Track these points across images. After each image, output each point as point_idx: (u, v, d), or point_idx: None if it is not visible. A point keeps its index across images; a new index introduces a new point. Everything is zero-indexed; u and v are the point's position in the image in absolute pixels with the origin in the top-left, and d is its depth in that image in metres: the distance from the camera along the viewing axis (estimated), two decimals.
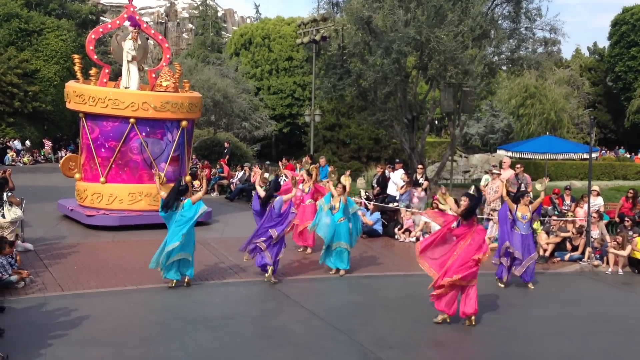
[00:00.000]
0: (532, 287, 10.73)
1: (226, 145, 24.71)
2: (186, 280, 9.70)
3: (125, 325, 7.87)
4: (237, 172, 21.71)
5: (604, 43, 48.34)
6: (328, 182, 17.70)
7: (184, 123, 14.86)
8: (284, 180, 19.74)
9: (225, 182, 21.88)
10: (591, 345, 8.01)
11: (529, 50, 20.56)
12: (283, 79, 41.58)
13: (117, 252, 11.94)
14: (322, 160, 18.84)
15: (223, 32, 59.84)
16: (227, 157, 23.44)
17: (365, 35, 19.18)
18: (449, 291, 8.38)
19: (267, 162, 32.23)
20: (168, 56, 16.23)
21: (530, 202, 10.99)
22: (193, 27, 76.52)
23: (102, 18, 50.66)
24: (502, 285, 10.77)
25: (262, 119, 34.63)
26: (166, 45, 16.62)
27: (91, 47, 15.24)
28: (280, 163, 21.70)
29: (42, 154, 32.75)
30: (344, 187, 11.16)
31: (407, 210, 15.48)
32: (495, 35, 19.62)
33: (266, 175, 21.94)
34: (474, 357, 7.35)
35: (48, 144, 33.74)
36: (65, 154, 32.75)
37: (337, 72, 20.34)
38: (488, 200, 15.45)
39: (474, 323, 8.40)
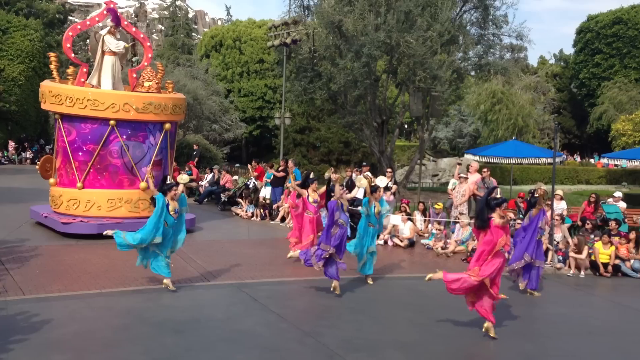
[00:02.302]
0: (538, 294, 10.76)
1: (195, 147, 24.55)
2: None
3: (88, 329, 7.75)
4: (206, 175, 21.57)
5: (569, 50, 49.36)
6: (296, 185, 17.74)
7: (167, 125, 14.31)
8: (253, 183, 19.77)
9: (194, 184, 21.68)
10: (552, 347, 8.16)
11: (496, 56, 20.94)
12: (254, 81, 41.47)
13: (80, 256, 11.75)
14: (291, 163, 18.87)
15: (193, 34, 59.41)
16: (197, 159, 23.26)
17: (336, 38, 19.29)
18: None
19: (237, 165, 32.21)
20: (150, 55, 15.57)
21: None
22: (163, 28, 75.75)
23: (70, 17, 49.86)
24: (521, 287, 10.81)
25: (232, 121, 34.51)
26: (148, 44, 15.86)
27: (68, 45, 14.59)
28: (250, 166, 21.69)
29: (6, 155, 32.05)
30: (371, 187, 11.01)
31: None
32: (464, 41, 19.92)
33: (235, 177, 21.96)
34: (438, 359, 7.43)
35: (12, 144, 33.04)
36: (32, 156, 32.23)
37: (307, 75, 20.39)
38: (455, 204, 15.66)
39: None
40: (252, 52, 41.47)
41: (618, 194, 16.85)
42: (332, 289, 9.94)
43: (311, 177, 11.94)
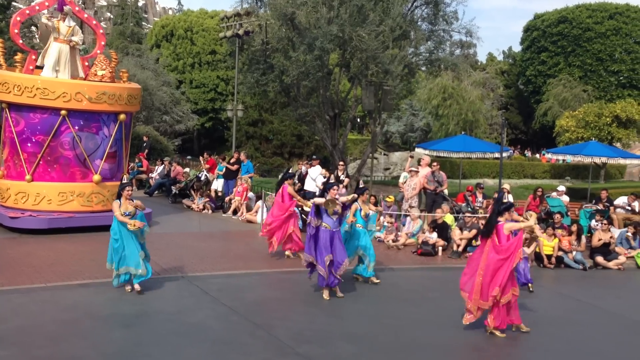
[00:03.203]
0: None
1: (145, 139, 24.09)
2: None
3: (33, 324, 7.53)
4: (156, 167, 21.21)
5: (517, 48, 50.62)
6: (248, 178, 17.64)
7: (122, 116, 13.82)
8: (204, 176, 19.56)
9: (144, 176, 21.34)
10: (499, 337, 8.39)
11: (447, 52, 21.25)
12: (206, 72, 40.92)
13: (24, 249, 11.40)
14: (243, 156, 18.76)
15: (143, 23, 58.12)
16: (147, 151, 22.83)
17: (289, 31, 19.21)
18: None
19: (189, 157, 31.78)
20: (103, 43, 14.96)
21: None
22: (111, 17, 73.78)
23: (14, 3, 47.99)
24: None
25: (183, 112, 34.00)
26: (100, 31, 15.20)
27: (16, 31, 13.88)
28: (201, 158, 21.44)
29: None
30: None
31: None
32: (415, 36, 20.12)
33: (187, 170, 21.67)
34: (387, 348, 7.54)
35: None
36: None
37: (260, 67, 20.23)
38: (406, 197, 15.90)
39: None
40: (204, 42, 40.89)
41: (561, 188, 17.43)
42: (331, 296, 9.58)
43: (361, 186, 11.16)
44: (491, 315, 8.24)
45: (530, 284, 10.79)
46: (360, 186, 11.07)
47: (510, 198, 15.94)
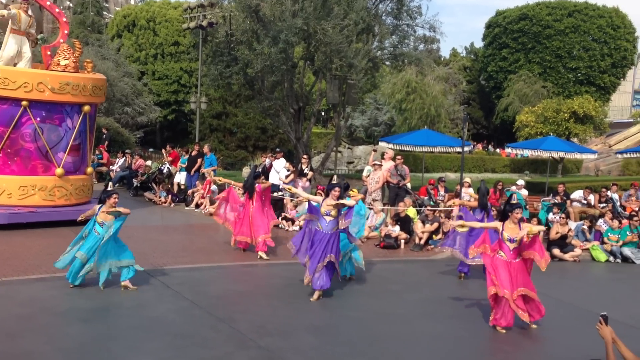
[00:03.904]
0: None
1: (104, 131, 23.62)
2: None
3: None
4: (117, 159, 20.86)
5: (479, 44, 51.32)
6: (211, 171, 17.50)
7: (86, 108, 13.43)
8: (167, 169, 19.33)
9: (104, 169, 20.96)
10: (458, 326, 8.54)
11: (411, 46, 21.42)
12: (169, 64, 40.32)
13: None
14: (206, 149, 18.61)
15: (104, 12, 56.92)
16: (107, 143, 22.41)
17: (253, 23, 19.09)
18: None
19: (151, 150, 31.32)
20: (66, 32, 14.36)
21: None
22: (71, 5, 72.07)
23: None
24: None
25: (145, 104, 33.45)
26: (64, 19, 14.62)
27: None
28: (164, 150, 21.17)
29: None
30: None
31: (291, 200, 15.67)
32: (379, 30, 20.23)
33: (148, 162, 21.36)
34: (350, 340, 7.59)
35: None
36: None
37: (224, 59, 20.05)
38: (369, 191, 16.00)
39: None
40: (167, 33, 40.28)
41: (521, 182, 17.79)
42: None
43: (334, 182, 10.57)
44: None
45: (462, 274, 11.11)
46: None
47: (471, 191, 16.19)
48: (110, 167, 20.79)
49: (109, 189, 9.53)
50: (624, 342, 4.79)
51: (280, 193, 15.86)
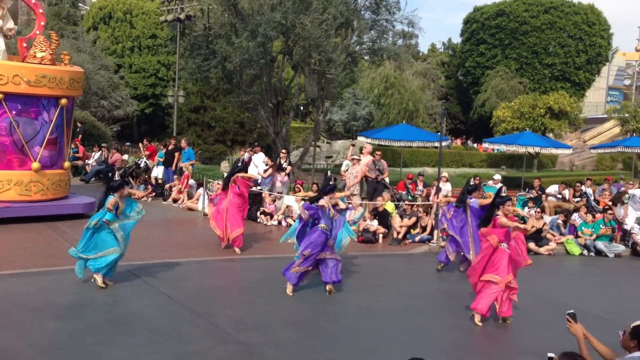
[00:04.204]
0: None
1: (79, 124, 23.29)
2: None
3: None
4: (93, 153, 20.60)
5: (457, 39, 51.59)
6: (189, 165, 17.39)
7: (63, 101, 13.18)
8: (144, 163, 19.16)
9: (80, 162, 20.69)
10: (434, 320, 8.63)
11: (389, 41, 21.49)
12: (146, 57, 39.85)
13: None
14: (184, 143, 18.47)
15: (80, 4, 56.09)
16: (80, 136, 22.06)
17: (232, 16, 18.98)
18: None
19: (128, 144, 30.97)
20: (42, 23, 14.12)
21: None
22: None
23: None
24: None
25: (122, 98, 33.03)
26: (40, 10, 14.35)
27: None
28: (141, 144, 20.97)
29: None
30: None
31: (270, 194, 15.65)
32: (358, 25, 20.26)
33: (125, 156, 21.15)
34: (328, 335, 7.62)
35: None
36: None
37: (202, 52, 19.90)
38: (348, 185, 16.03)
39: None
40: (144, 26, 39.76)
41: (497, 176, 17.96)
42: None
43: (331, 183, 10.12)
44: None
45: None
46: (331, 183, 10.46)
47: (448, 186, 16.34)
48: (86, 161, 20.54)
49: (116, 178, 9.35)
50: (597, 335, 4.88)
51: (259, 187, 15.82)
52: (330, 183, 9.97)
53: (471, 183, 11.75)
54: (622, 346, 4.83)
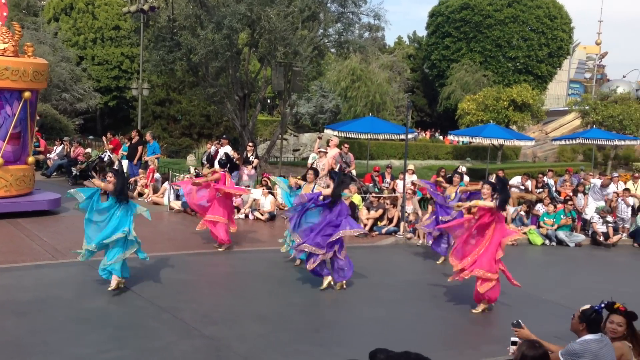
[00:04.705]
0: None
1: (37, 117, 22.70)
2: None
3: None
4: (55, 147, 20.17)
5: (423, 32, 51.91)
6: (155, 159, 17.17)
7: (27, 94, 12.80)
8: (108, 156, 18.84)
9: (41, 157, 20.21)
10: (401, 310, 8.72)
11: (356, 34, 21.52)
12: (109, 49, 39.11)
13: None
14: (149, 136, 18.23)
15: None
16: (36, 129, 21.48)
17: (197, 8, 18.74)
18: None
19: (91, 137, 30.39)
20: (5, 14, 13.68)
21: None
22: None
23: None
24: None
25: (85, 90, 32.37)
26: (3, 1, 13.87)
27: None
28: (104, 138, 20.58)
29: None
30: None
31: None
32: (324, 18, 20.21)
33: (88, 150, 20.76)
34: (297, 328, 7.63)
35: None
36: None
37: (166, 44, 19.61)
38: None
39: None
40: (107, 17, 39.01)
41: (462, 168, 18.19)
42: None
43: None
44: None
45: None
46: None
47: (414, 178, 16.48)
48: (48, 155, 20.10)
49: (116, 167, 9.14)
50: (559, 322, 4.99)
51: None
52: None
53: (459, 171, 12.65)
54: (572, 330, 4.96)
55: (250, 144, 17.25)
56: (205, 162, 17.30)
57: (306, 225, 9.12)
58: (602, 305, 4.91)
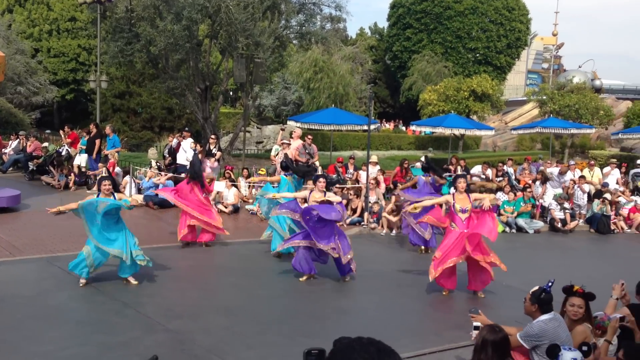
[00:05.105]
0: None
1: None
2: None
3: None
4: (10, 142, 19.62)
5: (385, 24, 52.16)
6: (115, 152, 16.87)
7: None
8: (66, 151, 18.43)
9: None
10: (366, 300, 8.78)
11: (317, 25, 21.50)
12: (65, 41, 38.17)
13: None
14: (109, 130, 17.90)
15: None
16: None
17: None
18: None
19: (48, 131, 29.68)
20: None
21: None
22: None
23: None
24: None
25: (40, 84, 31.55)
26: None
27: None
28: (62, 132, 20.11)
29: None
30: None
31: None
32: (285, 8, 20.12)
33: (45, 144, 20.26)
34: (260, 319, 7.62)
35: None
36: None
37: (124, 36, 19.25)
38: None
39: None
40: (63, 8, 38.05)
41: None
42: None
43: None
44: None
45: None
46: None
47: (377, 168, 16.60)
48: (3, 150, 19.55)
49: (103, 174, 8.94)
50: (519, 306, 5.10)
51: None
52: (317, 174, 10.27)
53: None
54: (526, 313, 5.10)
55: (212, 136, 17.09)
56: (167, 155, 17.19)
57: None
58: (550, 284, 5.06)
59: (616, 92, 53.23)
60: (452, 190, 9.35)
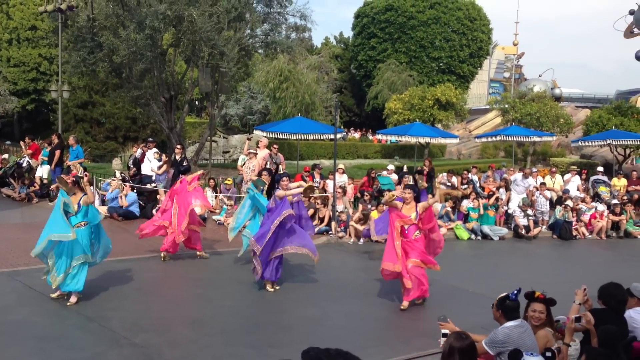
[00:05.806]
0: None
1: None
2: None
3: None
4: None
5: (349, 33, 52.56)
6: (77, 164, 16.54)
7: None
8: (26, 162, 18.02)
9: None
10: (333, 309, 8.78)
11: (282, 35, 21.53)
12: (25, 50, 37.40)
13: None
14: (72, 140, 17.57)
15: None
16: None
17: (117, 7, 18.23)
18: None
19: (8, 142, 28.98)
20: None
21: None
22: None
23: None
24: None
25: (0, 94, 30.87)
26: None
27: None
28: (22, 143, 19.66)
29: None
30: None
31: (165, 191, 15.21)
32: (250, 18, 20.11)
33: (5, 156, 19.78)
34: (227, 330, 7.55)
35: None
36: None
37: (87, 45, 18.95)
38: (245, 179, 15.94)
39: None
40: (23, 17, 37.30)
41: (391, 166, 18.55)
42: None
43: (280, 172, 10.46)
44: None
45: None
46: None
47: (344, 177, 16.67)
48: None
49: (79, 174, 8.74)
50: (485, 313, 5.16)
51: (153, 185, 15.36)
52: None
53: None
54: (495, 319, 5.17)
55: (178, 146, 16.91)
56: (132, 166, 16.94)
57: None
58: (516, 292, 5.15)
59: (575, 101, 54.66)
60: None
